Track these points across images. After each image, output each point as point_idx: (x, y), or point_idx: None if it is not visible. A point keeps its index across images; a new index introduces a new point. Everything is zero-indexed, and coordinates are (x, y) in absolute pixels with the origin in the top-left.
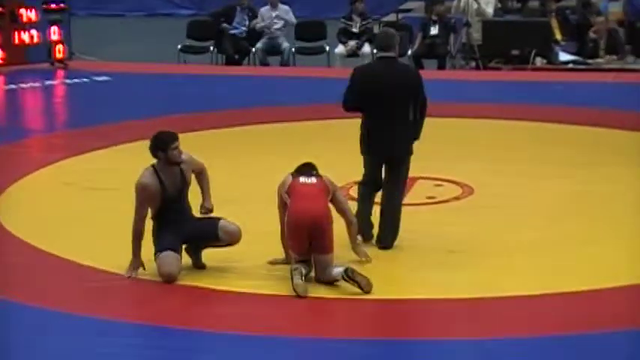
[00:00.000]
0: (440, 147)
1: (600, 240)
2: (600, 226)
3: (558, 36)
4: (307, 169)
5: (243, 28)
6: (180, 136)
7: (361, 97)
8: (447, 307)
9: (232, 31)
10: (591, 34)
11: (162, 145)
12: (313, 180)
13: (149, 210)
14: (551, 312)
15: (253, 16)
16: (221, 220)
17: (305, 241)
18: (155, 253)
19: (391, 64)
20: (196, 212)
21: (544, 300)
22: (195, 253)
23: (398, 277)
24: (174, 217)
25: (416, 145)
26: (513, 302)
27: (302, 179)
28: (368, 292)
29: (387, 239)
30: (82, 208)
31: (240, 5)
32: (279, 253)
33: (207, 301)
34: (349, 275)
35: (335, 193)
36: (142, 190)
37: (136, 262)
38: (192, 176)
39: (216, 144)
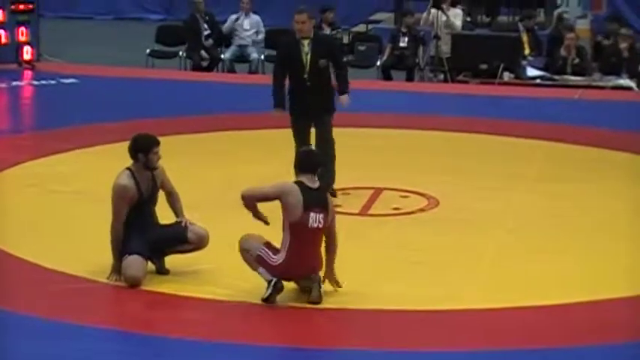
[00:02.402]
0: (406, 159)
1: (563, 255)
2: (563, 240)
3: (527, 51)
4: (316, 196)
5: (207, 33)
6: None
7: None
8: (407, 319)
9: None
10: (562, 52)
11: (145, 148)
12: (320, 222)
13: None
14: (510, 325)
15: (212, 23)
16: (189, 224)
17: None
18: (121, 257)
19: None
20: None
21: (504, 313)
22: (159, 259)
23: (360, 287)
24: (143, 220)
25: (383, 156)
26: (474, 315)
27: (311, 220)
28: (316, 303)
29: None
30: (46, 211)
31: (198, 13)
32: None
33: (170, 307)
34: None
35: (330, 226)
36: (122, 192)
37: (118, 265)
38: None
39: (181, 150)
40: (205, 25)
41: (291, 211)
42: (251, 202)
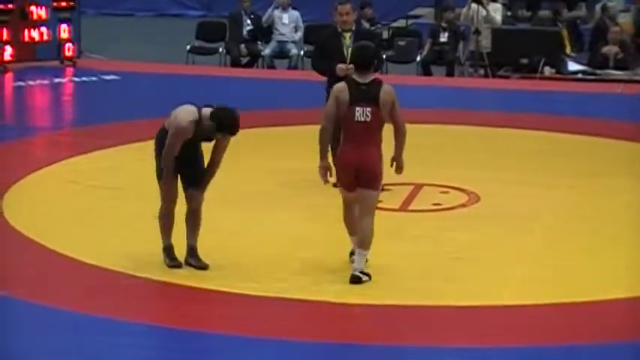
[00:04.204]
0: (447, 154)
1: (602, 251)
2: (603, 237)
3: (568, 48)
4: (364, 90)
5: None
6: None
7: None
8: (446, 314)
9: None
10: (604, 49)
11: (225, 129)
12: (368, 115)
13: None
14: (550, 322)
15: (255, 20)
16: (194, 189)
17: (352, 177)
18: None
19: None
20: None
21: (543, 310)
22: (192, 256)
23: (399, 283)
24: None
25: (423, 151)
26: (512, 311)
27: (357, 113)
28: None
29: None
30: (87, 207)
31: (243, 10)
32: (281, 256)
33: (208, 302)
34: (355, 276)
35: (391, 112)
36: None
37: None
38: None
39: None
40: (248, 21)
41: (342, 106)
42: (326, 137)
